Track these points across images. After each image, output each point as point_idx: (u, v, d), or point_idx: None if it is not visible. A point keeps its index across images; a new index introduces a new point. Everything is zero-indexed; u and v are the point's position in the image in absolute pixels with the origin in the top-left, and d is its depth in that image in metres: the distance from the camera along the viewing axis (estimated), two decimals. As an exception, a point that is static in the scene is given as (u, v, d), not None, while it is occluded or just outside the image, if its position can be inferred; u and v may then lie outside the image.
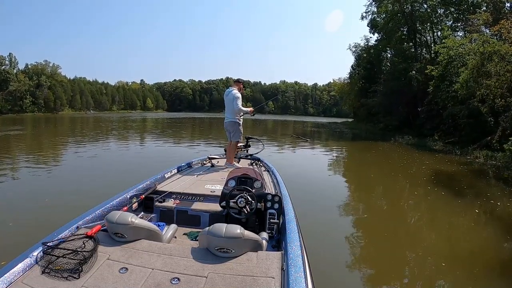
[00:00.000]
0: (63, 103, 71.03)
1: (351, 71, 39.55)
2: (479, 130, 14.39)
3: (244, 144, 5.76)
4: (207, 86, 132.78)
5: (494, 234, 5.06)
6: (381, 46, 29.38)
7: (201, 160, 5.00)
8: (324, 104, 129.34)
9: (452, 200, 6.84)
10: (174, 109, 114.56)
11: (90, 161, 10.35)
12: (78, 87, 79.65)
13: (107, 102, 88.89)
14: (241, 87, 5.18)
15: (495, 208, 6.35)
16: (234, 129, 5.07)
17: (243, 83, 5.26)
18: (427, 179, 9.07)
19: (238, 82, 5.17)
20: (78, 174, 8.17)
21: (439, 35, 23.09)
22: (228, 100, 5.03)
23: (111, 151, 13.16)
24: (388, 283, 3.58)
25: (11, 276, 1.56)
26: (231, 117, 5.05)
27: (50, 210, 5.06)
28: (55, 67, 72.63)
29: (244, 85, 5.33)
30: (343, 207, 6.42)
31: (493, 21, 14.21)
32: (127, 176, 7.54)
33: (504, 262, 4.10)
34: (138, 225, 1.91)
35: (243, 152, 5.72)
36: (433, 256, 4.11)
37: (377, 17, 29.26)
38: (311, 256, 2.16)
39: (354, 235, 4.91)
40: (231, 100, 4.97)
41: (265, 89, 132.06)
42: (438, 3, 22.69)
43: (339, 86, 50.53)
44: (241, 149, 5.66)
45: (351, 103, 41.47)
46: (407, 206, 6.92)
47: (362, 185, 8.91)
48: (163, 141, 17.66)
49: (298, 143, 17.13)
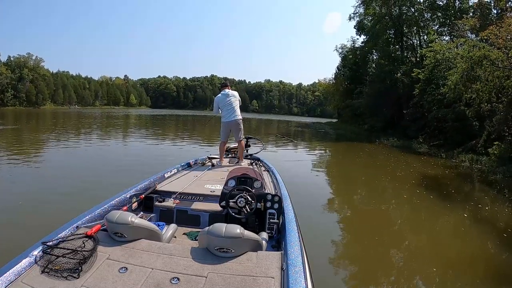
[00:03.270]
0: (45, 97, 69.85)
1: (336, 71, 39.82)
2: (464, 133, 14.61)
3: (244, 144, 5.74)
4: (191, 83, 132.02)
5: (482, 238, 5.10)
6: (368, 48, 29.55)
7: (201, 160, 5.01)
8: (308, 104, 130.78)
9: (440, 204, 6.83)
10: (158, 106, 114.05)
11: (70, 162, 9.61)
12: (61, 81, 78.21)
13: (90, 97, 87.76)
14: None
15: (483, 212, 6.42)
16: (240, 127, 5.23)
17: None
18: (415, 182, 9.09)
19: (227, 84, 5.43)
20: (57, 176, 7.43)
21: (425, 39, 23.40)
22: (230, 100, 5.15)
23: (100, 151, 12.50)
24: (384, 281, 3.66)
25: (11, 275, 1.56)
26: (237, 115, 5.19)
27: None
28: (38, 60, 71.17)
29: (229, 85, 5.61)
30: (336, 208, 6.49)
31: (480, 27, 14.42)
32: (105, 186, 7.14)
33: (491, 265, 4.19)
34: (138, 225, 1.90)
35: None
36: (426, 259, 4.19)
37: (364, 19, 29.46)
38: (310, 256, 2.16)
39: (344, 238, 4.97)
40: (235, 100, 5.17)
41: (250, 87, 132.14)
42: (425, 8, 22.99)
43: (324, 86, 50.84)
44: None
45: (336, 104, 41.73)
46: (398, 208, 6.97)
47: (353, 188, 8.79)
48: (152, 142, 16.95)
49: (282, 143, 16.83)
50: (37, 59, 70.54)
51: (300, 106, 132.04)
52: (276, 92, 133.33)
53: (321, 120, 62.05)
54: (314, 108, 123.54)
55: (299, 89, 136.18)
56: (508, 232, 5.12)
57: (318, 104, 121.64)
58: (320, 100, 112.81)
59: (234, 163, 5.02)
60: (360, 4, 28.48)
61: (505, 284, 3.70)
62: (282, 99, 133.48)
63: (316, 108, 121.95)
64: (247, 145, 5.87)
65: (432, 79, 16.40)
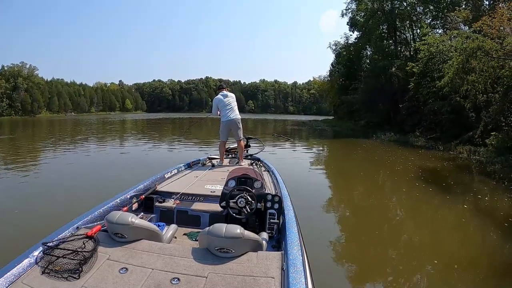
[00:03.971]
0: (41, 106, 69.78)
1: (331, 69, 39.75)
2: (460, 125, 14.61)
3: (243, 144, 5.83)
4: (186, 86, 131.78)
5: (483, 229, 5.08)
6: (361, 44, 29.54)
7: (201, 160, 5.01)
8: (304, 102, 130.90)
9: (440, 196, 6.84)
10: (154, 110, 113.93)
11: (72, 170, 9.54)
12: (56, 88, 78.01)
13: (85, 103, 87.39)
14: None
15: (483, 203, 6.43)
16: (240, 126, 5.33)
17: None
18: (414, 175, 9.09)
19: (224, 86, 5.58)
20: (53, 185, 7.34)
21: (418, 33, 23.42)
22: (228, 101, 5.28)
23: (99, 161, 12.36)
24: (386, 280, 3.61)
25: (11, 276, 1.56)
26: (237, 115, 5.32)
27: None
28: (32, 68, 71.03)
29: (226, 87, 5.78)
30: (336, 206, 6.45)
31: (472, 18, 14.43)
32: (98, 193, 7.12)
33: (493, 256, 4.17)
34: (138, 225, 1.90)
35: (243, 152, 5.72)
36: (427, 252, 4.17)
37: (357, 15, 29.44)
38: (310, 256, 2.15)
39: (345, 236, 4.92)
40: (233, 100, 5.33)
41: (245, 88, 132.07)
42: (417, 1, 23.02)
43: (319, 84, 50.83)
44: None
45: (332, 101, 41.70)
46: (398, 202, 7.00)
47: (352, 184, 8.76)
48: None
49: (279, 143, 16.75)
50: (31, 67, 70.50)
51: (296, 104, 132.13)
52: (272, 91, 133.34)
53: (317, 118, 62.00)
54: (310, 106, 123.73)
55: (294, 87, 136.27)
56: (509, 222, 5.09)
57: (313, 102, 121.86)
58: (316, 98, 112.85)
59: (234, 163, 5.05)
60: (352, 0, 28.53)
61: (508, 275, 3.65)
62: (278, 98, 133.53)
63: (312, 106, 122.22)
64: (247, 145, 5.92)
65: (426, 72, 16.39)
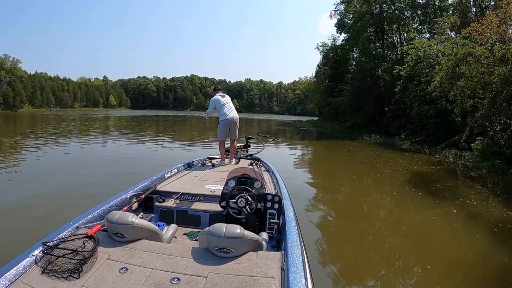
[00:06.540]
0: (23, 100, 66.82)
1: (317, 70, 39.71)
2: (445, 129, 14.78)
3: (244, 144, 5.95)
4: (171, 83, 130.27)
5: (473, 233, 5.13)
6: (348, 46, 29.67)
7: (201, 160, 5.00)
8: (289, 102, 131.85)
9: (430, 201, 6.85)
10: (138, 107, 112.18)
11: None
12: (39, 83, 74.98)
13: (68, 99, 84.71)
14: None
15: (472, 208, 6.37)
16: (238, 126, 5.40)
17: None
18: (404, 179, 9.14)
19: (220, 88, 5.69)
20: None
21: (406, 37, 23.72)
22: (226, 101, 5.36)
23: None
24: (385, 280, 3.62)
25: (11, 276, 1.55)
26: (236, 114, 5.40)
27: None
28: (15, 61, 67.76)
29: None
30: (331, 209, 6.33)
31: (460, 24, 14.62)
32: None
33: (484, 259, 4.20)
34: (138, 225, 1.89)
35: (243, 152, 5.81)
36: (421, 256, 4.21)
37: (345, 17, 29.59)
38: (310, 256, 2.14)
39: (345, 236, 4.93)
40: (230, 101, 5.44)
41: (230, 87, 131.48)
42: (406, 6, 23.30)
43: (305, 84, 51.12)
44: (241, 149, 5.80)
45: (317, 102, 41.86)
46: (391, 206, 6.91)
47: (342, 187, 8.64)
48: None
49: (266, 143, 16.47)
50: (14, 60, 67.41)
51: (280, 104, 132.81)
52: (257, 91, 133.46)
53: (302, 119, 62.28)
54: (295, 107, 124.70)
55: (280, 87, 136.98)
56: (498, 227, 5.15)
57: (298, 103, 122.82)
58: (301, 99, 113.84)
59: (234, 163, 5.06)
60: (341, 3, 28.61)
61: (499, 279, 3.67)
62: (263, 98, 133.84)
63: (297, 106, 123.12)
64: (247, 145, 5.94)
65: (414, 76, 16.51)
